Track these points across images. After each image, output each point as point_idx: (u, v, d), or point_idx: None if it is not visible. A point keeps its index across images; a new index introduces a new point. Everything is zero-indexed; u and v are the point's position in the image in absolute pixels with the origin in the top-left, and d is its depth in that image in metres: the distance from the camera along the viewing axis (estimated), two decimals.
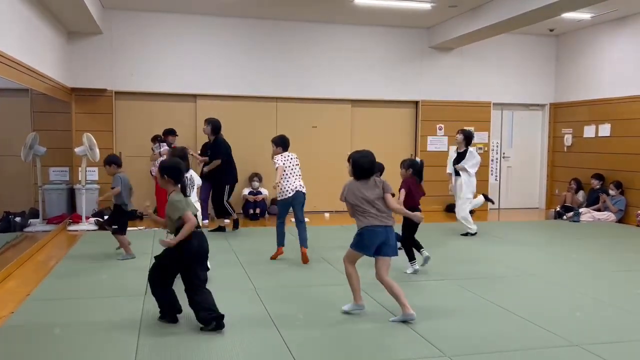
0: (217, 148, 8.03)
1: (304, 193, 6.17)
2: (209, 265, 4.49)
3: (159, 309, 4.10)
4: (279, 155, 6.21)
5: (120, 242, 6.18)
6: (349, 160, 4.33)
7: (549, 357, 3.57)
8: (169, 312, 4.08)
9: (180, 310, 4.09)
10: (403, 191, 5.62)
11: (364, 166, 4.26)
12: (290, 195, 6.07)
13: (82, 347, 3.63)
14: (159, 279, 4.02)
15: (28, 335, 3.81)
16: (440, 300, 4.78)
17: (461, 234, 7.92)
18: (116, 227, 6.13)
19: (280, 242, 6.27)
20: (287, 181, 6.09)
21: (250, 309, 4.44)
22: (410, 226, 5.69)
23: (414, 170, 5.73)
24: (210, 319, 3.87)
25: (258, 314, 4.33)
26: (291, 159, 6.22)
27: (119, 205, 6.14)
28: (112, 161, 6.17)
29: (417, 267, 5.66)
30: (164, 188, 4.14)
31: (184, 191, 4.07)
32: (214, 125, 8.00)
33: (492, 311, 4.47)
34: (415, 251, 5.75)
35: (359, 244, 4.27)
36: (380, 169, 5.68)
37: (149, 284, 4.09)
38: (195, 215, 4.02)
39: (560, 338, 3.85)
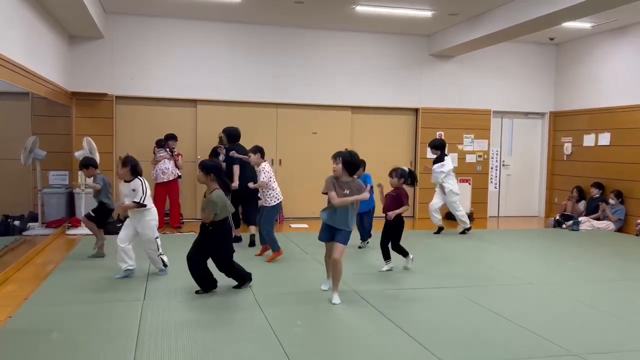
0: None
1: None
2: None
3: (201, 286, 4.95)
4: (266, 164, 6.64)
5: (92, 230, 6.45)
6: (336, 158, 4.83)
7: None
8: (207, 286, 4.99)
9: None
10: (406, 206, 5.84)
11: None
12: (280, 201, 6.61)
13: (80, 352, 3.62)
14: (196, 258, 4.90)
15: (25, 340, 3.79)
16: (438, 308, 4.77)
17: (459, 233, 8.60)
18: (92, 215, 6.43)
19: (277, 246, 6.53)
20: (276, 189, 6.59)
21: (247, 313, 4.43)
22: (399, 228, 5.96)
23: (405, 180, 5.88)
24: (245, 279, 5.17)
25: (254, 316, 4.33)
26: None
27: (102, 203, 6.41)
28: (89, 164, 6.45)
29: (388, 267, 5.97)
30: (204, 184, 4.87)
31: (227, 188, 4.97)
32: (228, 134, 7.77)
33: (491, 319, 4.46)
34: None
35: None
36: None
37: (189, 267, 4.90)
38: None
39: (558, 347, 3.84)
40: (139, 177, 5.51)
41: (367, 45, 10.30)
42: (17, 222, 7.62)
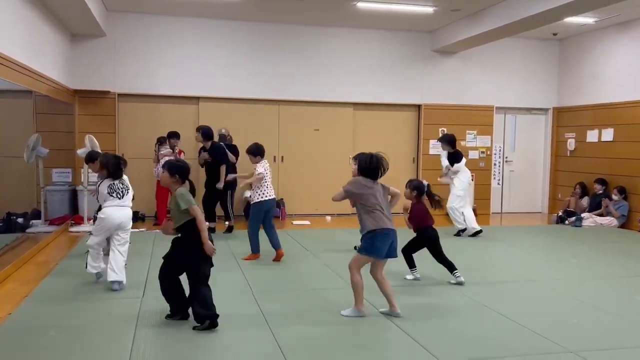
0: (217, 153, 7.98)
1: (275, 199, 6.49)
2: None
3: (169, 308, 4.19)
4: (259, 164, 6.30)
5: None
6: (355, 159, 4.46)
7: None
8: (179, 309, 4.17)
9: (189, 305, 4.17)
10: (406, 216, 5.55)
11: (372, 165, 4.34)
12: (268, 199, 6.24)
13: (78, 348, 3.65)
14: (169, 274, 4.14)
15: (24, 337, 3.82)
16: (437, 305, 4.77)
17: (454, 235, 8.20)
18: None
19: (257, 249, 6.36)
20: (267, 188, 6.26)
21: (247, 311, 4.45)
22: (421, 242, 5.52)
23: (418, 192, 5.49)
24: (205, 317, 3.97)
25: (254, 316, 4.35)
26: (268, 166, 6.41)
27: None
28: (94, 158, 6.08)
29: (417, 274, 5.56)
30: (167, 187, 4.30)
31: (192, 190, 4.26)
32: (204, 132, 7.99)
33: (489, 317, 4.46)
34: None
35: (372, 248, 4.24)
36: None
37: (159, 282, 4.17)
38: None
39: (555, 344, 3.83)
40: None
41: (369, 41, 10.28)
42: (20, 220, 7.67)
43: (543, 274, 5.97)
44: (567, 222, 9.59)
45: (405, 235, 5.29)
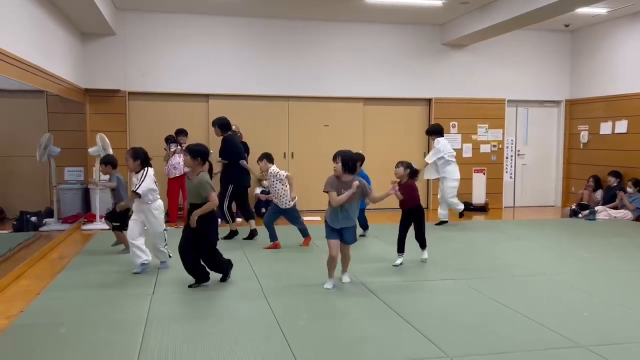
0: (222, 148, 7.52)
1: None
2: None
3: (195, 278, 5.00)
4: (274, 168, 6.74)
5: (119, 238, 6.49)
6: (335, 159, 4.86)
7: (552, 358, 3.52)
8: (199, 279, 5.00)
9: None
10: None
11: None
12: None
13: (87, 344, 3.69)
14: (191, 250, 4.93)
15: (35, 334, 3.87)
16: (445, 299, 4.76)
17: (460, 218, 8.66)
18: (117, 224, 6.38)
19: (306, 232, 6.93)
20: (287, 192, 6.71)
21: (253, 304, 4.47)
22: (413, 219, 5.90)
23: (412, 171, 5.79)
24: (225, 273, 5.11)
25: (260, 308, 4.37)
26: None
27: (117, 204, 6.29)
28: (108, 161, 6.43)
29: (401, 260, 5.82)
30: (190, 168, 4.96)
31: (210, 172, 4.89)
32: (221, 124, 7.53)
33: (499, 311, 4.42)
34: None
35: None
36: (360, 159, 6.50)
37: (180, 257, 4.93)
38: None
39: (565, 339, 3.79)
40: (146, 167, 5.63)
41: (378, 36, 10.23)
42: (33, 218, 7.78)
43: (555, 268, 5.91)
44: (580, 215, 9.48)
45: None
